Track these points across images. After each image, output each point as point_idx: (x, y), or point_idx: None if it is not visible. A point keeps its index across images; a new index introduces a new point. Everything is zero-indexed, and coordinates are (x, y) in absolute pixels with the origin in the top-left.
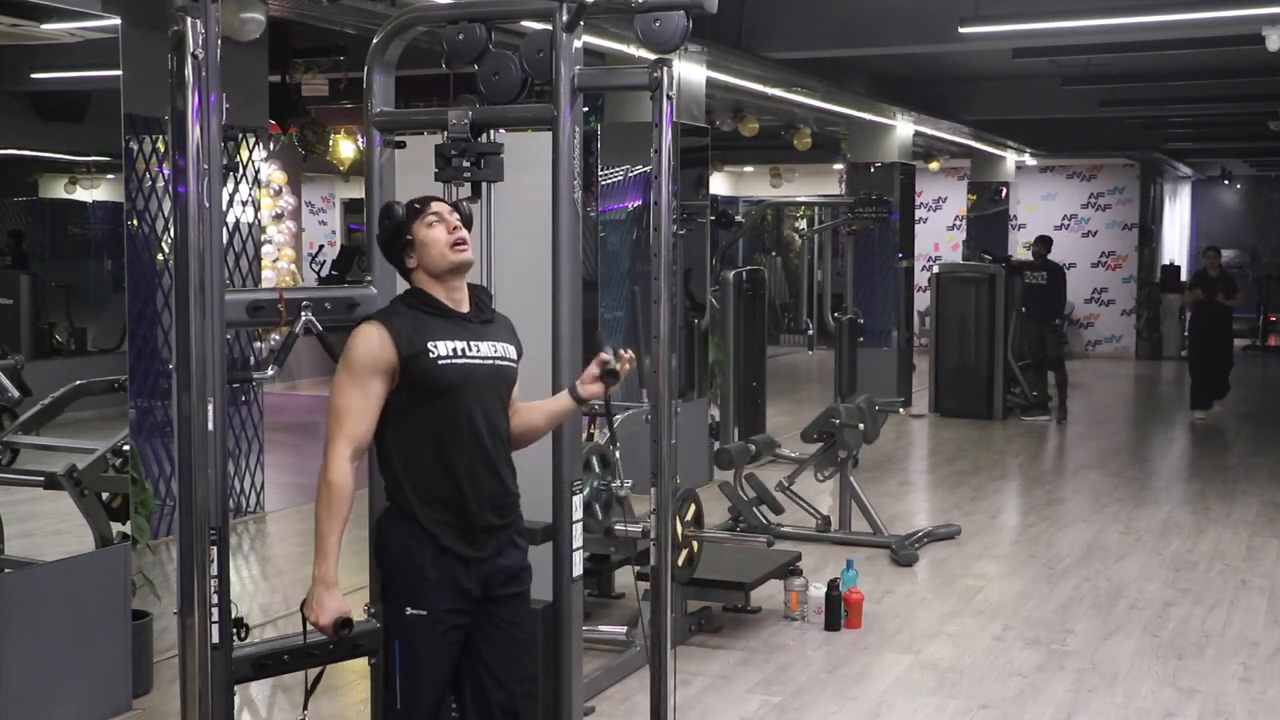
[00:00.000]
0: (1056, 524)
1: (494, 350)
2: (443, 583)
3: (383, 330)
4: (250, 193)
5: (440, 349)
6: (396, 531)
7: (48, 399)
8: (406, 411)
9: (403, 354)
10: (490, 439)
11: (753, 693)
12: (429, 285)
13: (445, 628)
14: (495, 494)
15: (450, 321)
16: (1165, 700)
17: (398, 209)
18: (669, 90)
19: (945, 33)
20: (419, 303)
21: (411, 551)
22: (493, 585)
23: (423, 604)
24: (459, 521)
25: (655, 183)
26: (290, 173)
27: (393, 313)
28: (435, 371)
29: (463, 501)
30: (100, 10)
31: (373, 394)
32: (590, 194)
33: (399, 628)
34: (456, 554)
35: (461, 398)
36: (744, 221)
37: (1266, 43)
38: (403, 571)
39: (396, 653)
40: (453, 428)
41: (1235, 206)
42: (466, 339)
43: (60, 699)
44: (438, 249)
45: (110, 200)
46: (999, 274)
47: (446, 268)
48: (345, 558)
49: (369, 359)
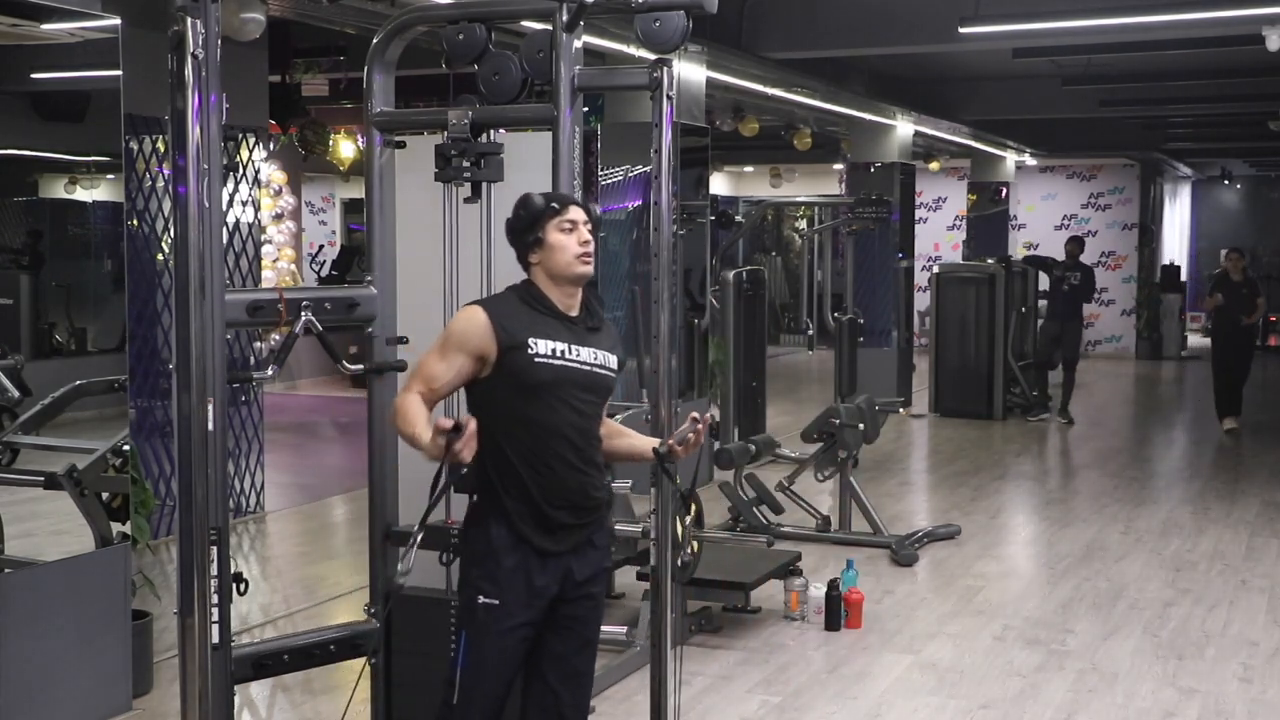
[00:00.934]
0: (1056, 524)
1: (594, 357)
2: (517, 573)
3: (487, 316)
4: (250, 193)
5: (540, 346)
6: (480, 519)
7: (48, 399)
8: (499, 401)
9: (502, 344)
10: (578, 441)
11: (753, 693)
12: (544, 284)
13: (515, 622)
14: (575, 495)
15: (557, 322)
16: (1165, 700)
17: (536, 202)
18: (669, 90)
19: (945, 33)
20: (530, 298)
21: (490, 538)
22: (567, 586)
23: (496, 593)
24: (536, 514)
25: (655, 183)
26: (290, 173)
27: (502, 301)
28: (531, 368)
29: (540, 496)
30: (100, 10)
31: (455, 367)
32: (590, 194)
33: (468, 616)
34: (533, 545)
35: (554, 398)
36: (744, 221)
37: (1266, 43)
38: (480, 558)
39: (461, 643)
40: (541, 425)
41: (1235, 206)
42: (569, 341)
43: (60, 699)
44: (565, 257)
45: (110, 200)
46: (999, 274)
47: (568, 277)
48: (345, 558)
49: (463, 337)
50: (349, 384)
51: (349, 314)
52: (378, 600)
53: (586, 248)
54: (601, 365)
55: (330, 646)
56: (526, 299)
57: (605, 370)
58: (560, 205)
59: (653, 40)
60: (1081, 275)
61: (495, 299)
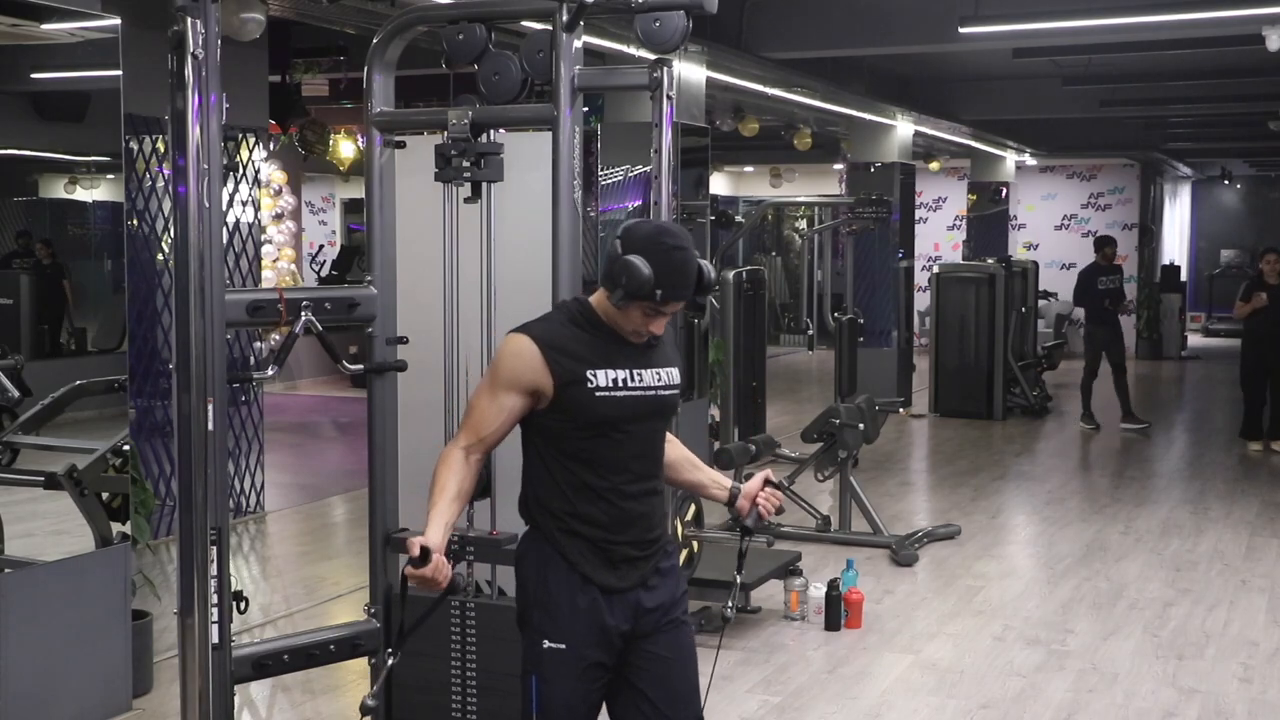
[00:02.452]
0: (1056, 524)
1: (657, 379)
2: (584, 615)
3: (538, 351)
4: (250, 193)
5: (599, 379)
6: (534, 557)
7: (48, 399)
8: (556, 435)
9: (558, 379)
10: (642, 472)
11: (753, 693)
12: (601, 306)
13: (586, 664)
14: (638, 528)
15: (615, 346)
16: (1165, 700)
17: (642, 278)
18: (669, 90)
19: (945, 33)
20: (585, 320)
21: (549, 580)
22: (643, 622)
23: (561, 637)
24: (599, 552)
25: (655, 183)
26: (290, 173)
27: (552, 326)
28: (591, 403)
29: (602, 533)
30: (100, 10)
31: (506, 407)
32: (590, 194)
33: (535, 661)
34: (598, 584)
35: (617, 431)
36: (744, 221)
37: (1266, 43)
38: (541, 601)
39: (533, 689)
40: (604, 461)
41: (1235, 206)
42: (629, 367)
43: (60, 699)
44: (630, 327)
45: (110, 200)
46: (999, 274)
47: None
48: (345, 558)
49: (513, 374)
50: (349, 384)
51: (349, 314)
52: (378, 601)
53: (655, 331)
54: (665, 386)
55: (330, 646)
56: (580, 321)
57: (669, 390)
58: (663, 301)
59: (653, 40)
60: (1121, 279)
61: (544, 324)
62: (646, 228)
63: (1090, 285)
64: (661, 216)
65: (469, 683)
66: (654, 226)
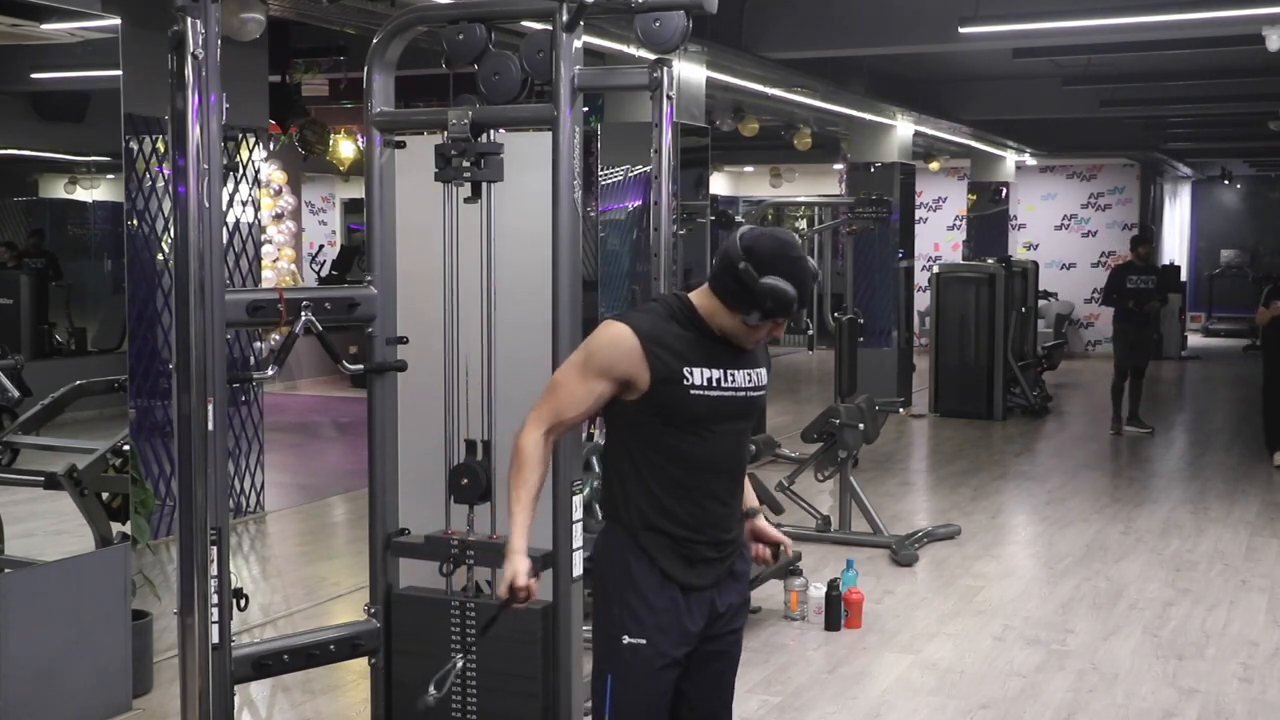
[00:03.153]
0: (1056, 524)
1: (748, 380)
2: (665, 612)
3: (638, 343)
4: (250, 193)
5: (696, 377)
6: (616, 553)
7: (48, 399)
8: (646, 430)
9: (656, 374)
10: (729, 472)
11: (753, 693)
12: (704, 307)
13: (666, 661)
14: (720, 529)
15: (712, 344)
16: (1165, 700)
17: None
18: (669, 90)
19: (945, 33)
20: (684, 317)
21: (633, 575)
22: (712, 621)
23: (641, 632)
24: (681, 550)
25: (655, 183)
26: (290, 173)
27: (655, 322)
28: (687, 401)
29: (685, 532)
30: (100, 10)
31: (595, 392)
32: (590, 194)
33: (613, 658)
34: (679, 583)
35: (708, 431)
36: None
37: (1266, 43)
38: (622, 596)
39: (608, 688)
40: (692, 458)
41: (1235, 206)
42: (724, 367)
43: (60, 699)
44: (747, 339)
45: (110, 200)
46: (999, 274)
47: (736, 338)
48: (345, 558)
49: (608, 361)
50: (349, 384)
51: (349, 314)
52: (378, 601)
53: (755, 335)
54: (756, 387)
55: (330, 646)
56: (679, 317)
57: (759, 392)
58: (770, 316)
59: (653, 40)
60: (1157, 277)
61: (645, 316)
62: (769, 242)
63: (1119, 284)
64: (661, 216)
65: (469, 683)
66: (774, 240)
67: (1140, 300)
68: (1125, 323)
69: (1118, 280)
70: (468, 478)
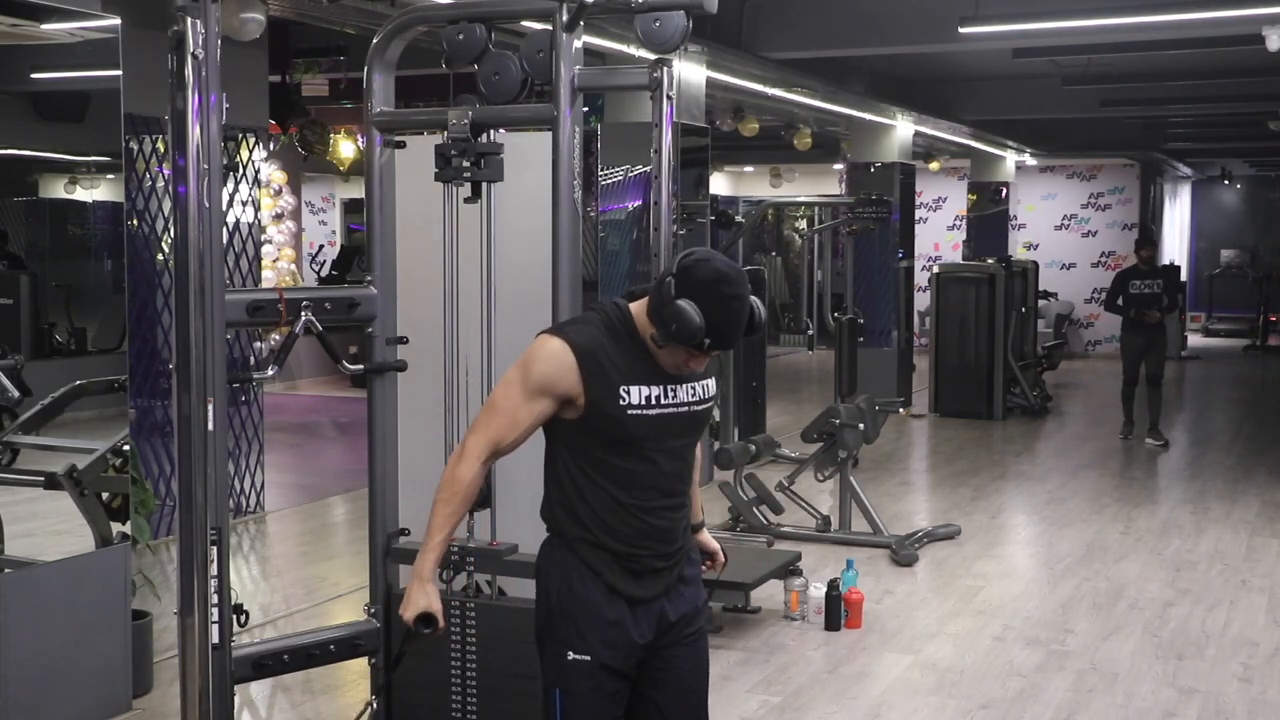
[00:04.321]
0: (1056, 524)
1: (691, 394)
2: (609, 626)
3: (574, 359)
4: (250, 193)
5: (633, 396)
6: (558, 569)
7: (48, 399)
8: (584, 446)
9: (591, 394)
10: (670, 487)
11: (753, 693)
12: (645, 327)
13: (611, 676)
14: (663, 540)
15: (651, 359)
16: (1165, 700)
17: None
18: (669, 90)
19: (945, 33)
20: (623, 330)
21: (575, 590)
22: (662, 631)
23: (585, 648)
24: (623, 563)
25: (655, 183)
26: (290, 173)
27: (589, 332)
28: (623, 420)
29: (627, 546)
30: (100, 10)
31: (535, 411)
32: (590, 194)
33: (559, 674)
34: (624, 595)
35: (648, 449)
36: (744, 221)
37: (1266, 43)
38: (565, 612)
39: (556, 703)
40: (632, 475)
41: (1235, 206)
42: (664, 383)
43: (60, 699)
44: (665, 361)
45: (110, 200)
46: (999, 274)
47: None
48: (346, 558)
49: (546, 379)
50: (349, 384)
51: (349, 314)
52: (378, 601)
53: (695, 368)
54: (700, 400)
55: (330, 646)
56: (618, 330)
57: (704, 404)
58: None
59: (653, 40)
60: (1164, 280)
61: (581, 328)
62: (705, 271)
63: (1121, 290)
64: (661, 216)
65: (469, 683)
66: (713, 271)
67: (1141, 306)
68: (1129, 331)
69: (1120, 286)
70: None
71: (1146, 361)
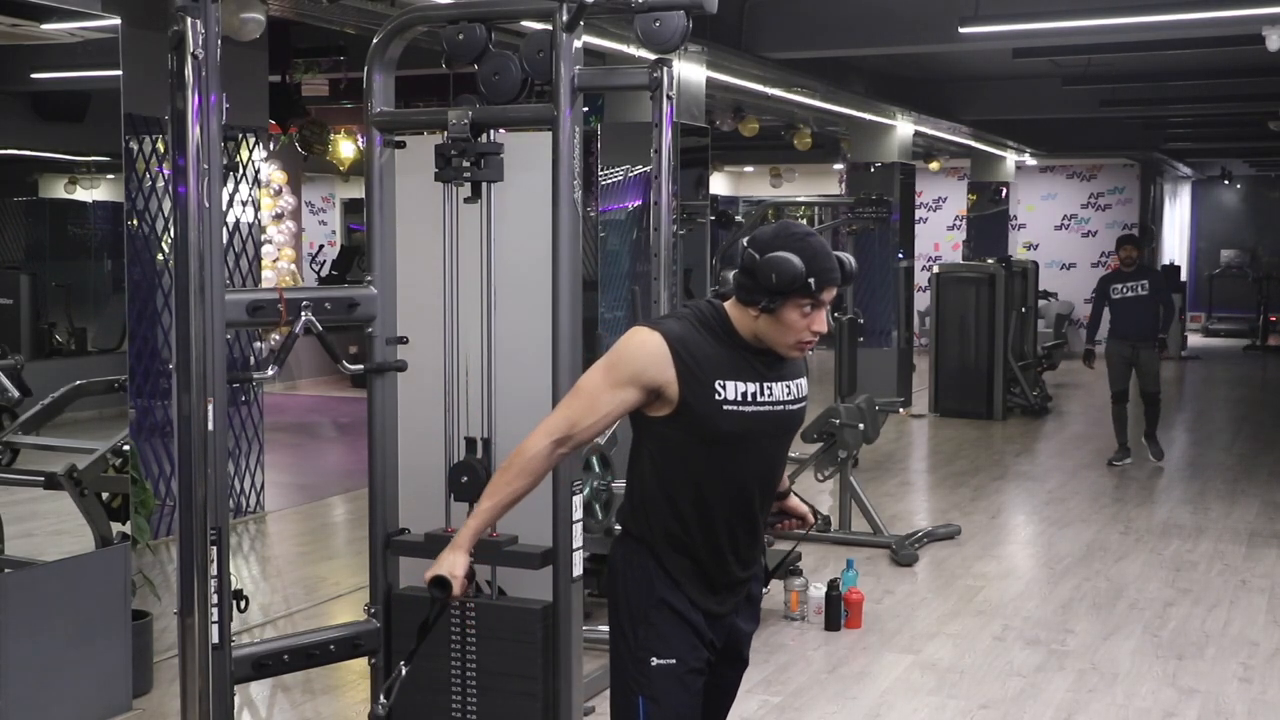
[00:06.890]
0: (1056, 524)
1: (786, 393)
2: (692, 629)
3: (668, 350)
4: (250, 193)
5: (729, 391)
6: (638, 571)
7: (48, 399)
8: (673, 445)
9: (685, 385)
10: (760, 493)
11: (753, 693)
12: (739, 320)
13: (695, 679)
14: (747, 550)
15: (747, 357)
16: (1165, 700)
17: (793, 269)
18: (669, 90)
19: (945, 33)
20: (719, 327)
21: (658, 595)
22: (730, 641)
23: (670, 651)
24: (704, 574)
25: (655, 183)
26: (290, 173)
27: (686, 331)
28: (718, 416)
29: (711, 555)
30: (100, 10)
31: (619, 399)
32: (590, 194)
33: (643, 680)
34: (703, 610)
35: (740, 448)
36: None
37: (1266, 43)
38: (646, 616)
39: (640, 711)
40: (723, 477)
41: (1235, 206)
42: (759, 380)
43: (60, 699)
44: (785, 339)
45: (110, 200)
46: (999, 274)
47: (775, 351)
48: (345, 558)
49: (637, 369)
50: (349, 384)
51: (349, 314)
52: (378, 601)
53: (815, 336)
54: (794, 399)
55: (330, 646)
56: (713, 326)
57: (798, 404)
58: (818, 286)
59: (653, 40)
60: (1149, 283)
61: (676, 323)
62: (771, 228)
63: (1104, 297)
64: (661, 216)
65: (469, 683)
66: (779, 225)
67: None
68: (1112, 338)
69: (1101, 292)
70: (467, 475)
71: (1139, 377)
